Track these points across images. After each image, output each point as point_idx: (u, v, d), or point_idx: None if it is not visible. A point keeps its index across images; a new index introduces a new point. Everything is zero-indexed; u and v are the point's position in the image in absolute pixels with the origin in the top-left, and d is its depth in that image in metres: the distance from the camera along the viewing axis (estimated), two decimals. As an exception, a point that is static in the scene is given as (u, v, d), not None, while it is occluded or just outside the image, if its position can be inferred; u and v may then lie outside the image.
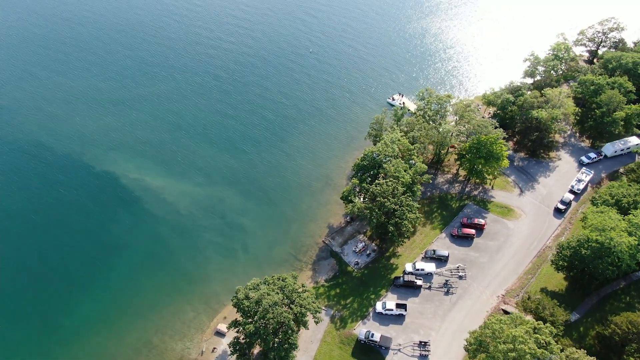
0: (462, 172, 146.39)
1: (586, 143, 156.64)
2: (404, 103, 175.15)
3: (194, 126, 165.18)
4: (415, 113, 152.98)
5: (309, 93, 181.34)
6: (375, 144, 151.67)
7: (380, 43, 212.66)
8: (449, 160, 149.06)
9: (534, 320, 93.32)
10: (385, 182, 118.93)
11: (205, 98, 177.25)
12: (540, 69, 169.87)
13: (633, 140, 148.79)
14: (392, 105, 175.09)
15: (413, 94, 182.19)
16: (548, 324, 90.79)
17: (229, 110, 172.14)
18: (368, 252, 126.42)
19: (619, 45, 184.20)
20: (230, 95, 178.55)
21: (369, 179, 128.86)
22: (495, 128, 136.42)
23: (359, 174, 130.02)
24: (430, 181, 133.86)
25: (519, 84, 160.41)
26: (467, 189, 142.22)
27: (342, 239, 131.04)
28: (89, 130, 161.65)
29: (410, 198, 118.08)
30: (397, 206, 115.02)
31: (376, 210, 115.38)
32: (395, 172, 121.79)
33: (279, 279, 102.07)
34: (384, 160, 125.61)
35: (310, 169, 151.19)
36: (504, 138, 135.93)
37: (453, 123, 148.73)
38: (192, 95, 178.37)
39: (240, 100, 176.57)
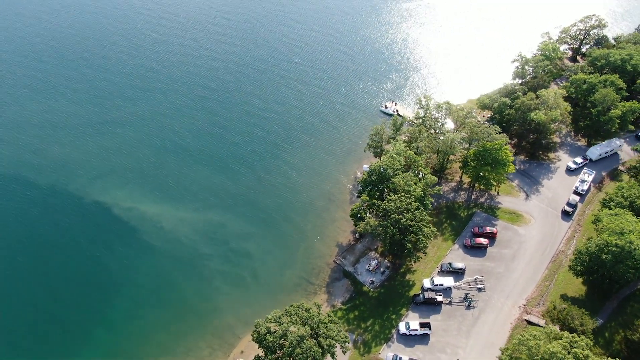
0: (466, 179, 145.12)
1: (582, 142, 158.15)
2: (397, 111, 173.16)
3: (183, 147, 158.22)
4: (413, 121, 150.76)
5: (299, 106, 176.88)
6: (376, 156, 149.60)
7: (365, 51, 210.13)
8: (451, 167, 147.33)
9: (567, 332, 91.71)
10: (398, 197, 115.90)
11: (191, 117, 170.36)
12: (529, 69, 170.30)
13: (615, 142, 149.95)
14: (385, 114, 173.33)
15: (405, 101, 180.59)
16: (583, 337, 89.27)
17: (218, 129, 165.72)
18: (382, 269, 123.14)
19: (602, 42, 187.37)
20: (217, 113, 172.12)
21: (377, 194, 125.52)
22: (497, 134, 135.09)
23: (366, 190, 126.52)
24: (441, 192, 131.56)
25: (512, 86, 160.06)
26: (473, 197, 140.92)
27: (354, 257, 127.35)
28: (71, 159, 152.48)
29: (424, 212, 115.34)
30: (413, 222, 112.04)
31: (391, 227, 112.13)
32: (405, 186, 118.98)
33: (302, 308, 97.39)
34: (392, 174, 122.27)
35: (309, 186, 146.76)
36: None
37: (452, 130, 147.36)
38: (177, 115, 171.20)
39: (227, 118, 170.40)
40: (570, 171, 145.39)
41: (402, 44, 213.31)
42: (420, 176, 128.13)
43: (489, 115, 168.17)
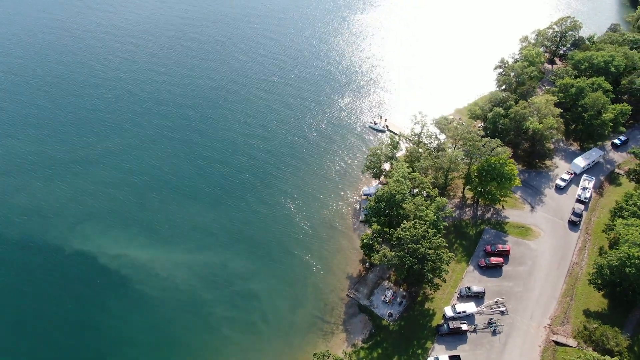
0: (469, 194, 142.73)
1: (575, 146, 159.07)
2: (387, 126, 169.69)
3: (166, 183, 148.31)
4: (408, 138, 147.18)
5: (284, 129, 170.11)
6: (374, 177, 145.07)
7: (342, 65, 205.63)
8: (453, 183, 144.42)
9: (608, 357, 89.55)
10: (412, 224, 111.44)
11: (170, 149, 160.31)
12: (512, 74, 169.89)
13: (595, 153, 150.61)
14: (375, 130, 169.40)
15: (393, 115, 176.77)
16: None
17: (201, 160, 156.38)
18: (399, 299, 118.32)
19: (579, 43, 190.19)
20: (197, 143, 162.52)
21: (387, 221, 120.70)
22: (500, 147, 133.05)
23: (375, 217, 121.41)
24: (454, 214, 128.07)
25: (502, 94, 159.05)
26: (479, 212, 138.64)
27: (367, 289, 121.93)
28: (42, 207, 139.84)
29: (440, 238, 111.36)
30: (431, 250, 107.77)
31: (409, 258, 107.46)
32: (417, 212, 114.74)
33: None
34: (401, 199, 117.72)
35: (308, 214, 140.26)
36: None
37: (452, 145, 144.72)
38: (154, 147, 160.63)
39: (210, 147, 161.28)
40: (560, 189, 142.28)
41: (379, 56, 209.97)
42: (425, 195, 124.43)
43: (480, 125, 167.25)
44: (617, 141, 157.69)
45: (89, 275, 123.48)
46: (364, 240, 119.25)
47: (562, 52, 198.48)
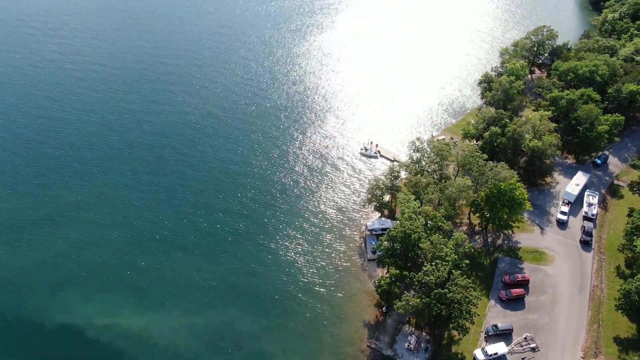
0: (475, 220, 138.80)
1: (570, 160, 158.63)
2: (378, 152, 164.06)
3: (151, 235, 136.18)
4: (408, 165, 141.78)
5: (271, 164, 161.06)
6: (377, 210, 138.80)
7: (320, 89, 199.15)
8: (459, 209, 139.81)
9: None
10: (435, 267, 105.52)
11: (150, 196, 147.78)
12: (500, 89, 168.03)
13: (581, 177, 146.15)
14: (367, 156, 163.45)
15: (383, 139, 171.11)
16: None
17: (185, 206, 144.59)
18: (424, 345, 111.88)
19: (557, 52, 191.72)
20: (179, 189, 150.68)
21: (404, 263, 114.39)
22: (506, 171, 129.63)
23: (389, 259, 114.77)
24: (472, 250, 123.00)
25: (494, 112, 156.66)
26: (489, 239, 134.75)
27: (388, 336, 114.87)
28: (13, 275, 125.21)
29: (466, 279, 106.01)
30: (460, 295, 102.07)
31: (437, 304, 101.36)
32: (437, 252, 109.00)
33: None
34: (417, 238, 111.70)
35: (312, 259, 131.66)
36: None
37: (453, 170, 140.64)
38: (133, 195, 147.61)
39: (194, 190, 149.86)
40: (563, 224, 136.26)
41: (358, 77, 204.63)
42: (430, 225, 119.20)
43: (474, 143, 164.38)
44: (597, 160, 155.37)
45: (77, 351, 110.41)
46: (382, 286, 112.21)
47: (540, 61, 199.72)
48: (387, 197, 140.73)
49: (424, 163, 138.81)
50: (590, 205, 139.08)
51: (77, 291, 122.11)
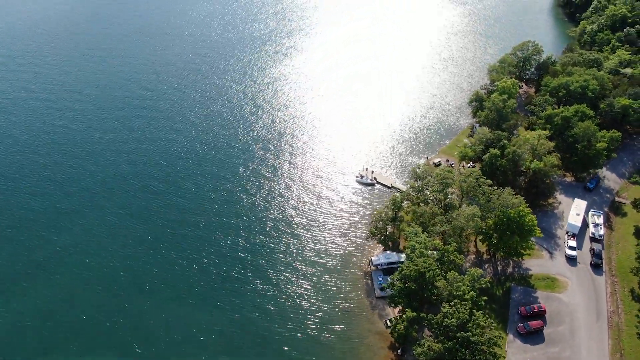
0: (482, 247, 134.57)
1: (569, 178, 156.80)
2: (375, 178, 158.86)
3: (140, 286, 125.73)
4: (409, 193, 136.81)
5: (262, 199, 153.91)
6: (381, 243, 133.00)
7: (310, 114, 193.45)
8: (466, 237, 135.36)
9: None
10: (455, 309, 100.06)
11: (137, 242, 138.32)
12: (493, 108, 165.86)
13: (580, 205, 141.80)
14: (363, 184, 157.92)
15: (377, 164, 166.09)
16: None
17: (177, 252, 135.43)
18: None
19: (543, 67, 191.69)
20: (169, 233, 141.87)
21: (419, 303, 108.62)
22: (514, 197, 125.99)
23: (404, 300, 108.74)
24: (489, 285, 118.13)
25: (489, 133, 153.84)
26: (499, 268, 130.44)
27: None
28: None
29: (488, 319, 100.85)
30: (483, 337, 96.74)
31: (461, 350, 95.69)
32: (454, 290, 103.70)
33: None
34: (433, 277, 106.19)
35: (317, 301, 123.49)
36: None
37: (454, 196, 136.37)
38: (119, 243, 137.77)
39: (185, 234, 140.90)
40: (573, 259, 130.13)
41: (348, 101, 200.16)
42: (443, 260, 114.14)
43: (471, 165, 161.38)
44: (589, 185, 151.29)
45: None
46: (398, 330, 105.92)
47: (527, 76, 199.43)
48: (390, 228, 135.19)
49: (427, 192, 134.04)
50: (596, 225, 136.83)
51: (60, 357, 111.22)
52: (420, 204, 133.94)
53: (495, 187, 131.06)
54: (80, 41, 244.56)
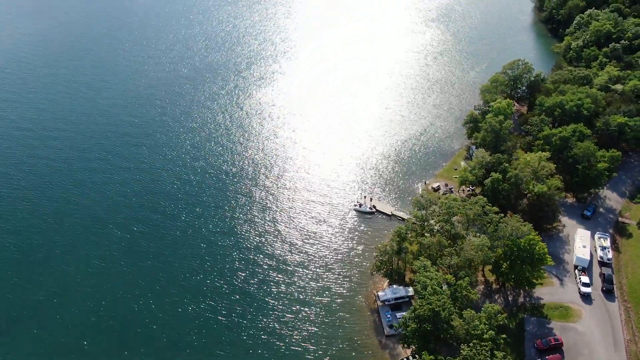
0: (490, 276, 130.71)
1: (570, 198, 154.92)
2: (374, 207, 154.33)
3: (134, 335, 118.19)
4: (413, 223, 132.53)
5: (258, 232, 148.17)
6: (386, 277, 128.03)
7: (301, 139, 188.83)
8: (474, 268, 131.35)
9: None
10: (475, 351, 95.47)
11: (129, 284, 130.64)
12: (490, 129, 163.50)
13: (584, 235, 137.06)
14: (361, 212, 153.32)
15: (377, 193, 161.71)
16: None
17: (171, 294, 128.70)
18: None
19: (534, 85, 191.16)
20: (162, 273, 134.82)
21: (434, 345, 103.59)
22: (522, 224, 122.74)
23: (419, 341, 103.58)
24: (506, 321, 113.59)
25: (488, 156, 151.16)
26: (509, 298, 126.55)
27: None
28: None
29: (508, 358, 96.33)
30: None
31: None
32: (471, 329, 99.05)
33: None
34: (448, 316, 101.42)
35: (324, 346, 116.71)
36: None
37: (459, 224, 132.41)
38: (108, 287, 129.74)
39: (178, 272, 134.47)
40: (587, 297, 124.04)
41: (337, 128, 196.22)
42: (457, 296, 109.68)
43: (470, 189, 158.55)
44: (586, 213, 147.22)
45: None
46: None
47: (518, 95, 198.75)
48: (395, 261, 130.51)
49: (432, 221, 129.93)
50: (604, 248, 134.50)
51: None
52: (425, 234, 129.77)
53: (502, 215, 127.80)
54: (61, 67, 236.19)
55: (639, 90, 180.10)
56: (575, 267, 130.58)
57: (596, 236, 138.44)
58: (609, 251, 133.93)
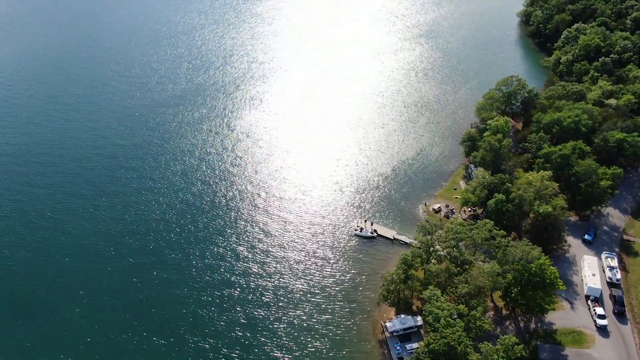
0: (498, 301, 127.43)
1: (573, 217, 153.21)
2: (375, 231, 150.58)
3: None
4: (417, 247, 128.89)
5: (255, 263, 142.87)
6: (394, 305, 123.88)
7: (296, 165, 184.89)
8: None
9: None
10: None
11: (118, 326, 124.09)
12: (489, 148, 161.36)
13: (592, 262, 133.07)
14: (362, 237, 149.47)
15: (373, 214, 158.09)
16: None
17: (167, 338, 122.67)
18: None
19: (529, 101, 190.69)
20: (154, 313, 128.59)
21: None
22: (531, 248, 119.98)
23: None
24: (524, 353, 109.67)
25: (489, 177, 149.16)
26: (520, 324, 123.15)
27: None
28: None
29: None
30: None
31: None
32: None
33: None
34: (464, 350, 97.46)
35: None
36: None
37: (466, 248, 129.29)
38: (97, 332, 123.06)
39: (174, 314, 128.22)
40: (603, 329, 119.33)
41: (333, 149, 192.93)
42: (467, 322, 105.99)
43: (472, 210, 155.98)
44: (587, 237, 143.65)
45: None
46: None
47: (511, 111, 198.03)
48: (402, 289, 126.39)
49: (438, 247, 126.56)
50: (612, 269, 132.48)
51: None
52: (432, 260, 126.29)
53: (510, 239, 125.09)
54: (44, 91, 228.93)
55: (633, 105, 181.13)
56: (587, 297, 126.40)
57: (603, 256, 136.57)
58: (617, 271, 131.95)
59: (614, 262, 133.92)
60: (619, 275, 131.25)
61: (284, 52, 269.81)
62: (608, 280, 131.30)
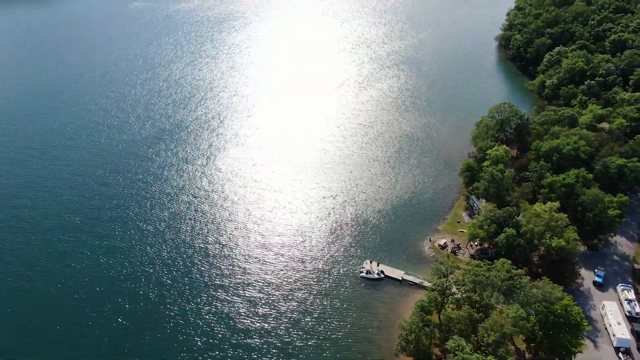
0: (520, 344, 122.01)
1: (581, 247, 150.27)
2: (382, 272, 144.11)
3: None
4: (432, 289, 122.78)
5: (254, 313, 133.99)
6: (413, 355, 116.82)
7: (290, 202, 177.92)
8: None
9: None
10: None
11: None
12: (492, 179, 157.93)
13: (614, 310, 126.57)
14: (369, 279, 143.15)
15: (376, 254, 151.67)
16: None
17: None
18: None
19: (522, 128, 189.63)
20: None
21: None
22: (553, 287, 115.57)
23: None
24: None
25: (497, 210, 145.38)
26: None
27: None
28: None
29: None
30: None
31: None
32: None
33: None
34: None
35: None
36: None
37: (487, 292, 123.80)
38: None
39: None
40: None
41: (327, 188, 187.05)
42: None
43: (479, 244, 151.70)
44: (598, 279, 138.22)
45: None
46: None
47: (504, 137, 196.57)
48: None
49: (454, 289, 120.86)
50: (630, 302, 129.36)
51: None
52: (449, 304, 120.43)
53: (529, 278, 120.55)
54: (16, 131, 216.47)
55: (625, 128, 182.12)
56: (617, 349, 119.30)
57: (619, 288, 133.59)
58: (635, 304, 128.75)
59: (631, 295, 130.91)
60: (637, 309, 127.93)
61: (266, 85, 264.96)
62: (627, 314, 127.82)
